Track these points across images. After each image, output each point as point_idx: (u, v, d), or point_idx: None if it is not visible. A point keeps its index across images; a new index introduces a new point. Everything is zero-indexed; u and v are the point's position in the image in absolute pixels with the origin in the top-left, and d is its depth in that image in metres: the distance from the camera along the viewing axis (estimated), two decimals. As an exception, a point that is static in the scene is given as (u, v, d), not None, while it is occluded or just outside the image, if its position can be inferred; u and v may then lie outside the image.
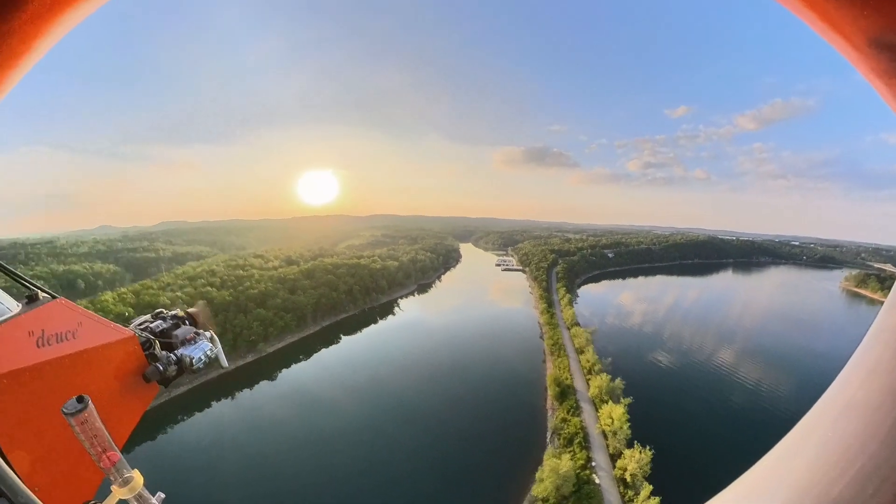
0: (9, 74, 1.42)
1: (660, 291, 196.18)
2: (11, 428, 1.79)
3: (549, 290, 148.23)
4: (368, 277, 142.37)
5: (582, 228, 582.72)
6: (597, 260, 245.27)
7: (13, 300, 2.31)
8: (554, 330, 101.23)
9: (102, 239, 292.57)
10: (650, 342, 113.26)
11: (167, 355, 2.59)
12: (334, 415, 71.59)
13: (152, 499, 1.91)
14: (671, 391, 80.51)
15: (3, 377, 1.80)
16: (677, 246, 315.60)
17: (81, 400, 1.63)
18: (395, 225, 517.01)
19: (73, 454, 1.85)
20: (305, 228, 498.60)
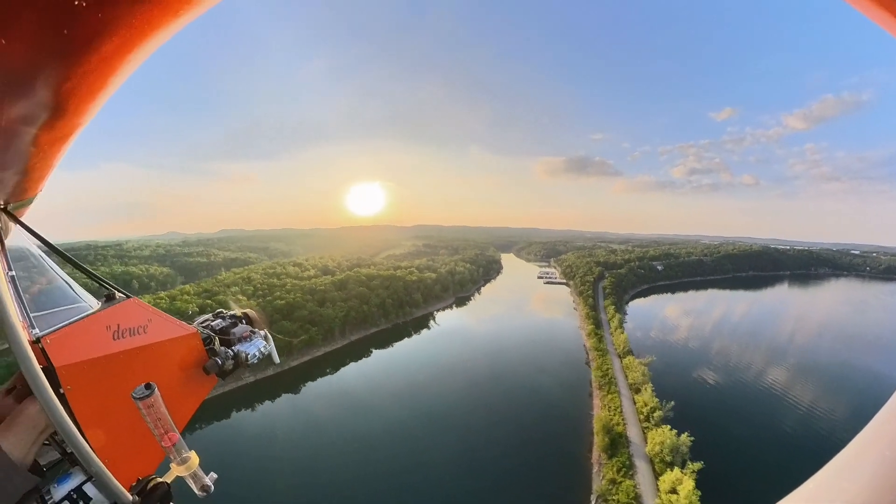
0: (89, 107, 1.68)
1: (715, 307, 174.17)
2: (89, 408, 2.08)
3: (596, 308, 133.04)
4: (403, 290, 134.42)
5: (626, 238, 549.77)
6: (645, 273, 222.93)
7: (94, 298, 2.74)
8: (603, 358, 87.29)
9: (164, 244, 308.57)
10: (708, 364, 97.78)
11: (225, 351, 2.79)
12: (358, 427, 69.22)
13: (206, 478, 2.17)
14: (733, 415, 69.88)
15: (84, 364, 2.11)
16: (730, 257, 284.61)
17: (149, 387, 1.93)
18: (438, 235, 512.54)
19: (139, 434, 2.08)
20: (351, 237, 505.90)
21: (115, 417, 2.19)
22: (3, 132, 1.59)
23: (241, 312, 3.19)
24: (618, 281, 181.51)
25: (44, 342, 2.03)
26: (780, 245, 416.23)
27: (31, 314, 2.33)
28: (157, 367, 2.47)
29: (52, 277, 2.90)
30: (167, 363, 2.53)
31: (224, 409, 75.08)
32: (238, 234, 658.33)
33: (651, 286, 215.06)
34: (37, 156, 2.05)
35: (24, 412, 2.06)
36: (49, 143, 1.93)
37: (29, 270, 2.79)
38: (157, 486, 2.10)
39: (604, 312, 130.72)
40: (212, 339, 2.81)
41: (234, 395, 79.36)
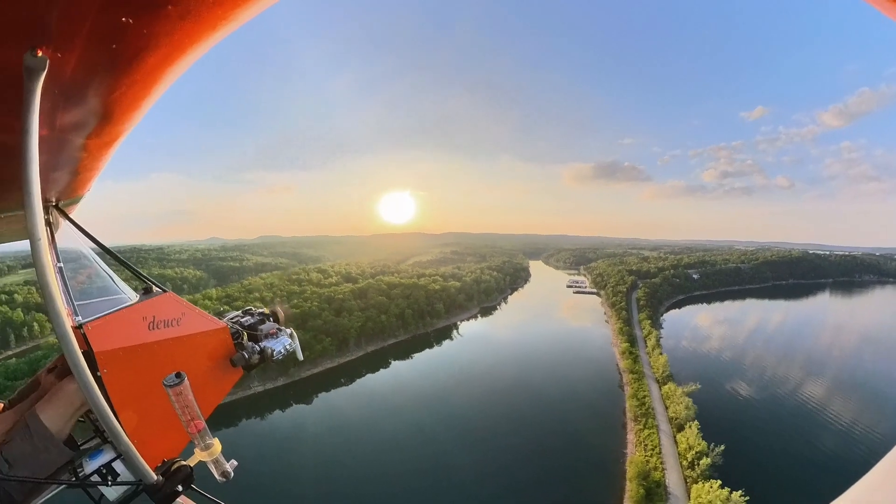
0: (133, 115, 1.85)
1: (757, 320, 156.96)
2: (123, 392, 2.23)
3: (629, 322, 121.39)
4: (424, 300, 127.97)
5: (657, 245, 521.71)
6: (681, 282, 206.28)
7: (133, 291, 2.92)
8: (639, 383, 77.08)
9: (204, 248, 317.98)
10: (757, 388, 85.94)
11: (252, 346, 2.88)
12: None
13: (227, 465, 2.30)
14: (796, 456, 59.41)
15: (120, 351, 2.27)
16: (769, 264, 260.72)
17: (179, 376, 2.04)
18: (467, 242, 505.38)
19: (167, 419, 2.18)
20: (382, 244, 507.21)
21: (146, 402, 2.33)
22: (56, 137, 1.79)
23: (268, 310, 3.24)
24: (652, 291, 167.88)
25: (85, 328, 2.21)
26: (819, 250, 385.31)
27: (76, 302, 2.57)
28: (187, 357, 2.58)
29: (95, 270, 3.09)
30: (197, 354, 2.64)
31: (230, 417, 73.25)
32: (275, 240, 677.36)
33: (687, 296, 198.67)
34: (86, 159, 2.29)
35: (64, 389, 2.29)
36: (97, 147, 2.15)
37: (75, 262, 3.00)
38: (180, 469, 2.21)
39: (639, 327, 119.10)
40: (240, 334, 2.91)
41: (241, 403, 77.36)
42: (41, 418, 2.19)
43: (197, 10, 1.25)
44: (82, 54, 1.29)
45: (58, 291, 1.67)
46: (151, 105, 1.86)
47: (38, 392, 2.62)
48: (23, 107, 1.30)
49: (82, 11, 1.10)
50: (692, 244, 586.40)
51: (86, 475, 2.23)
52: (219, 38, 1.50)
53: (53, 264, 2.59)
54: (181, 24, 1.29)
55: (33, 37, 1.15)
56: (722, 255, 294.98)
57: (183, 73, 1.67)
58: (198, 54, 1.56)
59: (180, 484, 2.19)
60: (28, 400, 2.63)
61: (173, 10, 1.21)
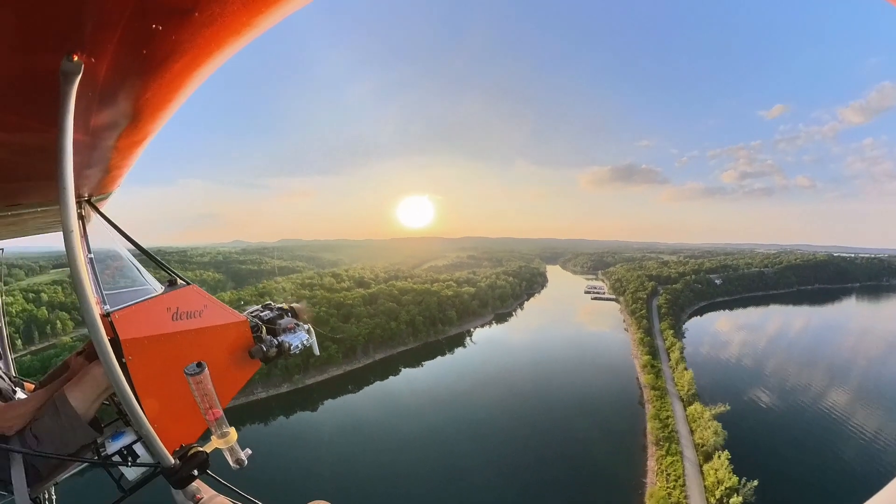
0: (160, 116, 1.93)
1: (785, 328, 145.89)
2: (146, 378, 2.33)
3: (650, 332, 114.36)
4: (436, 306, 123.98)
5: (676, 248, 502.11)
6: (703, 288, 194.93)
7: (158, 283, 3.02)
8: (661, 401, 70.99)
9: (225, 251, 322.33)
10: (793, 407, 78.28)
11: (270, 339, 2.94)
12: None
13: (241, 453, 2.41)
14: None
15: (145, 339, 2.36)
16: (793, 268, 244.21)
17: (199, 365, 2.13)
18: (484, 247, 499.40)
19: (187, 406, 2.27)
20: (400, 248, 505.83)
21: (167, 389, 2.41)
22: (89, 137, 1.89)
23: (287, 306, 3.27)
24: (673, 298, 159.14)
25: (112, 317, 2.30)
26: (843, 252, 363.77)
27: (104, 292, 2.68)
28: (208, 347, 2.63)
29: (123, 262, 3.22)
30: (217, 345, 2.70)
31: (233, 421, 72.78)
32: (295, 243, 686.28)
33: (709, 303, 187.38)
34: (116, 157, 2.40)
35: (91, 372, 2.44)
36: (126, 146, 2.26)
37: (105, 254, 3.16)
38: (196, 454, 2.30)
39: (660, 337, 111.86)
40: (259, 328, 2.94)
41: (245, 409, 75.71)
42: (69, 399, 2.35)
43: (222, 16, 1.29)
44: (114, 59, 1.36)
45: (88, 281, 1.77)
46: (178, 107, 1.93)
47: (67, 374, 2.75)
48: (59, 108, 1.38)
49: (115, 19, 1.16)
50: (712, 247, 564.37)
51: (108, 455, 2.38)
52: (243, 43, 1.55)
53: (84, 255, 2.69)
54: (207, 30, 1.34)
55: (70, 43, 1.22)
56: (744, 258, 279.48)
57: (209, 76, 1.73)
58: (223, 59, 1.63)
59: (196, 468, 2.30)
60: (58, 381, 2.73)
61: (199, 17, 1.26)
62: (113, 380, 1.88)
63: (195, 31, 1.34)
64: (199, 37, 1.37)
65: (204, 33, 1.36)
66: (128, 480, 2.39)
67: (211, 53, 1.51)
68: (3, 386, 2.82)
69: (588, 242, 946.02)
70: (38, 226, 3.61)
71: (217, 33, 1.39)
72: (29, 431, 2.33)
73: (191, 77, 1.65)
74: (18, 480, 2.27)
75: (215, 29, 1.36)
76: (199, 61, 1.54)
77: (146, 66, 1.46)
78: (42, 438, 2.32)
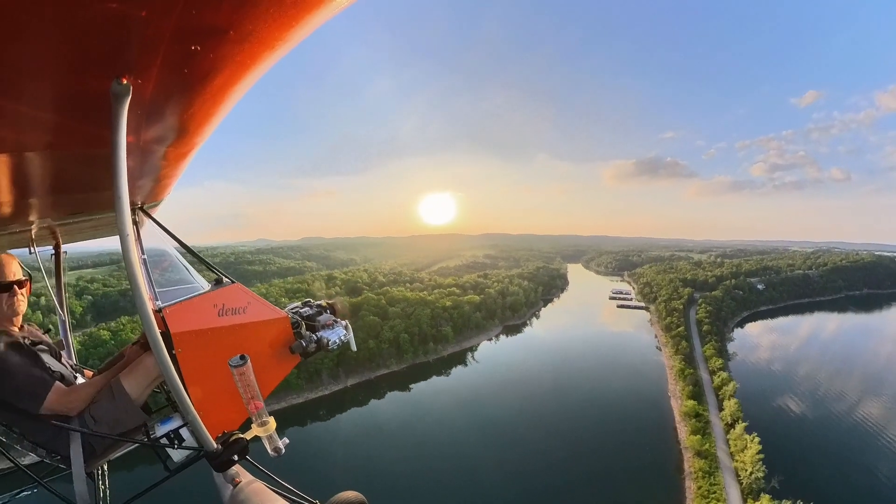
0: (205, 129, 2.06)
1: (846, 346, 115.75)
2: (194, 369, 2.49)
3: (692, 360, 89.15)
4: (428, 321, 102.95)
5: (705, 246, 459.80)
6: (744, 295, 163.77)
7: (205, 281, 3.19)
8: (711, 479, 47.78)
9: (240, 251, 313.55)
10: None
11: (310, 335, 3.00)
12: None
13: (279, 441, 2.51)
14: None
15: (193, 333, 2.52)
16: (839, 271, 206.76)
17: (243, 358, 2.24)
18: (504, 244, 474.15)
19: (230, 396, 2.42)
20: (418, 246, 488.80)
21: (212, 379, 2.55)
22: (141, 150, 2.02)
23: (326, 303, 3.34)
24: (715, 309, 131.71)
25: (164, 312, 2.49)
26: (882, 251, 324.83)
27: (157, 289, 2.96)
28: (251, 342, 2.73)
29: (174, 262, 3.45)
30: (260, 340, 2.80)
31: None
32: (317, 241, 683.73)
33: (752, 312, 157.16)
34: (166, 168, 2.55)
35: (144, 362, 2.69)
36: (175, 158, 2.40)
37: (157, 256, 3.42)
38: (237, 441, 2.42)
39: (705, 367, 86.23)
40: (299, 324, 3.02)
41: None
42: (124, 385, 2.60)
43: (255, 33, 1.34)
44: (159, 80, 1.44)
45: (142, 280, 1.92)
46: (222, 119, 2.03)
47: (123, 362, 3.00)
48: (111, 126, 1.49)
49: (156, 43, 1.23)
50: (743, 245, 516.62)
51: (156, 437, 2.53)
52: (278, 56, 1.59)
53: (138, 257, 2.83)
54: (242, 47, 1.40)
55: (118, 68, 1.31)
56: (782, 258, 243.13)
57: (248, 89, 1.81)
58: (260, 72, 1.68)
59: (237, 454, 2.40)
60: (114, 368, 2.95)
61: (234, 35, 1.31)
62: (163, 369, 2.02)
63: (231, 49, 1.39)
64: (235, 54, 1.43)
65: (240, 50, 1.42)
66: (173, 462, 2.55)
67: (248, 68, 1.57)
68: (67, 372, 2.98)
69: (612, 239, 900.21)
70: (97, 231, 3.92)
71: (252, 49, 1.44)
72: (88, 413, 2.58)
73: (231, 91, 1.73)
74: (76, 456, 2.53)
75: (250, 46, 1.41)
76: (237, 76, 1.60)
77: (188, 84, 1.54)
78: (99, 420, 2.57)
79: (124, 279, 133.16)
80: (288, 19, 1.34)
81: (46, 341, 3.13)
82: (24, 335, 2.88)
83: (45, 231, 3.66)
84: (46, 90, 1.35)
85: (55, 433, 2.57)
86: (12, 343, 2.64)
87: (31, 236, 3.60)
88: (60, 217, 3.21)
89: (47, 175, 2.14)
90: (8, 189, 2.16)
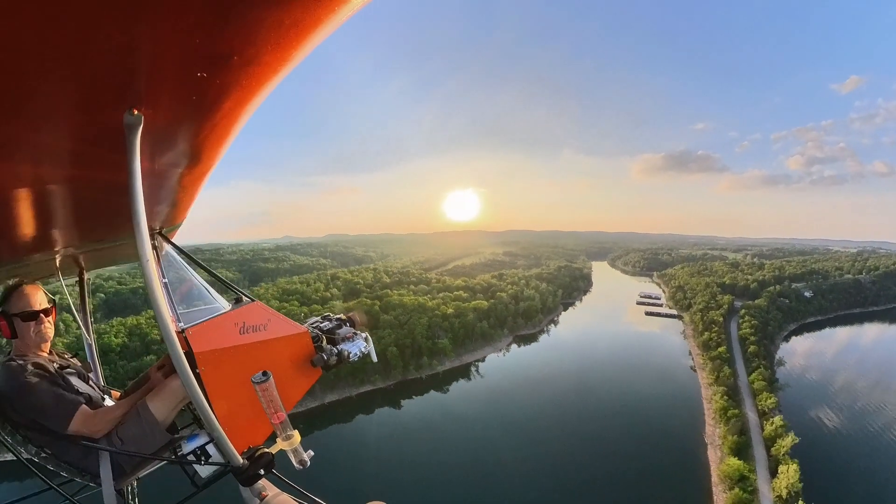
0: (217, 152, 2.11)
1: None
2: (218, 387, 2.50)
3: (734, 388, 72.21)
4: (423, 331, 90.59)
5: (739, 244, 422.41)
6: (791, 304, 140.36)
7: (225, 301, 3.20)
8: None
9: (258, 248, 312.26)
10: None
11: (331, 348, 3.02)
12: None
13: (304, 454, 2.53)
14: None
15: (216, 352, 2.55)
16: (892, 276, 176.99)
17: (265, 374, 2.28)
18: (527, 241, 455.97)
19: (255, 412, 2.45)
20: (439, 243, 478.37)
21: (236, 395, 2.57)
22: (157, 176, 2.06)
23: (345, 316, 3.34)
24: (762, 323, 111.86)
25: (187, 333, 2.52)
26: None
27: (178, 311, 2.94)
28: (272, 358, 2.75)
29: (194, 284, 3.43)
30: (281, 356, 2.82)
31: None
32: (341, 238, 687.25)
33: (800, 324, 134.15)
34: (181, 192, 2.59)
35: (169, 385, 2.73)
36: (190, 182, 2.43)
37: (177, 278, 3.42)
38: (263, 455, 2.50)
39: (750, 400, 69.12)
40: (320, 338, 3.03)
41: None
42: (150, 408, 2.67)
43: (258, 57, 1.36)
44: (169, 108, 1.50)
45: (164, 303, 1.95)
46: (233, 140, 2.07)
47: (148, 385, 3.04)
48: (126, 155, 1.54)
49: (163, 73, 1.28)
50: (779, 244, 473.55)
51: (183, 455, 2.56)
52: (282, 76, 1.61)
53: (159, 280, 2.90)
54: (247, 71, 1.42)
55: (129, 99, 1.35)
56: (827, 260, 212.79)
57: (256, 109, 1.83)
58: (267, 92, 1.70)
59: (263, 468, 2.48)
60: (140, 391, 3.01)
61: (238, 60, 1.33)
62: (188, 388, 2.07)
63: (237, 74, 1.41)
64: (241, 78, 1.45)
65: (245, 74, 1.44)
66: (201, 478, 2.58)
67: (255, 91, 1.59)
68: (94, 394, 3.04)
69: (640, 236, 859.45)
70: (119, 257, 4.01)
71: (257, 72, 1.46)
72: (115, 434, 2.65)
73: (240, 114, 1.75)
74: (105, 474, 2.62)
75: (254, 69, 1.43)
76: (245, 99, 1.63)
77: (198, 110, 1.57)
78: (126, 440, 2.64)
79: (136, 277, 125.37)
80: (289, 41, 1.34)
81: (74, 364, 3.19)
82: (51, 360, 2.97)
83: (69, 259, 3.69)
84: (63, 125, 1.39)
85: (85, 453, 2.67)
86: (41, 368, 2.73)
87: (55, 265, 3.63)
88: (83, 245, 3.30)
89: (68, 205, 2.20)
90: (31, 220, 2.20)
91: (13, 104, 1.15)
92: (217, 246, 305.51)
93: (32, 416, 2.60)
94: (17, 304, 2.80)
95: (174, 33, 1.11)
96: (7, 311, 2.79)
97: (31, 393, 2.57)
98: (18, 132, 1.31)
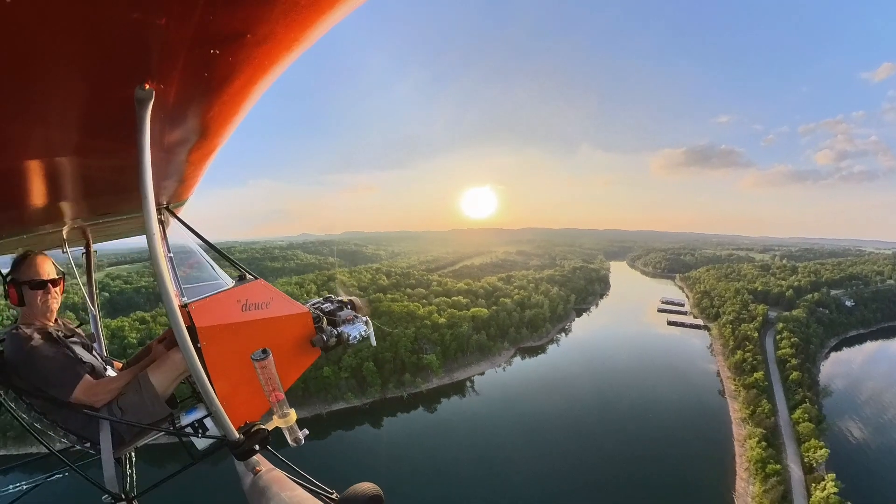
0: (226, 129, 2.10)
1: None
2: (218, 362, 2.52)
3: (774, 428, 58.97)
4: (407, 344, 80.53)
5: (765, 244, 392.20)
6: (830, 315, 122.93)
7: (229, 278, 3.23)
8: None
9: (268, 247, 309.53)
10: None
11: (331, 330, 3.02)
12: None
13: (299, 432, 2.57)
14: None
15: (217, 327, 2.56)
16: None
17: (265, 352, 2.28)
18: (543, 239, 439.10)
19: (253, 388, 2.46)
20: (453, 240, 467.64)
21: (235, 371, 2.59)
22: (165, 153, 2.08)
23: (346, 299, 3.32)
24: (802, 340, 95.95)
25: (189, 308, 2.52)
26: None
27: (182, 286, 3.03)
28: (273, 336, 2.75)
29: (199, 260, 3.50)
30: (282, 334, 2.83)
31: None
32: (357, 235, 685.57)
33: (842, 338, 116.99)
34: (189, 168, 2.59)
35: (171, 358, 2.75)
36: (198, 158, 2.44)
37: (182, 254, 3.50)
38: (259, 431, 2.50)
39: (793, 446, 55.65)
40: (320, 319, 3.03)
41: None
42: (150, 379, 2.69)
43: (271, 35, 1.36)
44: (180, 84, 1.48)
45: (168, 277, 1.97)
46: (242, 119, 2.06)
47: (149, 357, 3.07)
48: (136, 129, 1.54)
49: (176, 49, 1.26)
50: (808, 244, 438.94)
51: (181, 426, 2.63)
52: (295, 56, 1.60)
53: (165, 255, 2.90)
54: (260, 49, 1.42)
55: (141, 74, 1.35)
56: (864, 263, 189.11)
57: (267, 88, 1.82)
58: (278, 72, 1.70)
59: (258, 444, 2.48)
60: (142, 362, 3.04)
61: (251, 39, 1.33)
62: (189, 362, 2.08)
63: (249, 52, 1.42)
64: (253, 56, 1.45)
65: (257, 53, 1.44)
66: (197, 450, 2.65)
67: (266, 70, 1.59)
68: (97, 364, 3.07)
69: (660, 234, 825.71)
70: (125, 231, 4.03)
71: (269, 51, 1.46)
72: (116, 404, 2.67)
73: (250, 92, 1.75)
74: (105, 443, 2.65)
75: (267, 48, 1.43)
76: (256, 78, 1.63)
77: (209, 87, 1.58)
78: (126, 410, 2.66)
79: (143, 276, 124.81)
80: (304, 20, 1.34)
81: (79, 334, 3.19)
82: (57, 329, 2.97)
83: (76, 231, 3.68)
84: (75, 97, 1.38)
85: (85, 421, 2.69)
86: (46, 335, 2.75)
87: (63, 236, 3.64)
88: (90, 218, 3.28)
89: (77, 178, 2.19)
90: (40, 192, 2.20)
91: (27, 75, 1.14)
92: (230, 244, 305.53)
93: (37, 384, 2.62)
94: (27, 272, 2.81)
95: (189, 9, 1.10)
96: (17, 279, 2.80)
97: (37, 360, 2.60)
98: (30, 103, 1.30)
